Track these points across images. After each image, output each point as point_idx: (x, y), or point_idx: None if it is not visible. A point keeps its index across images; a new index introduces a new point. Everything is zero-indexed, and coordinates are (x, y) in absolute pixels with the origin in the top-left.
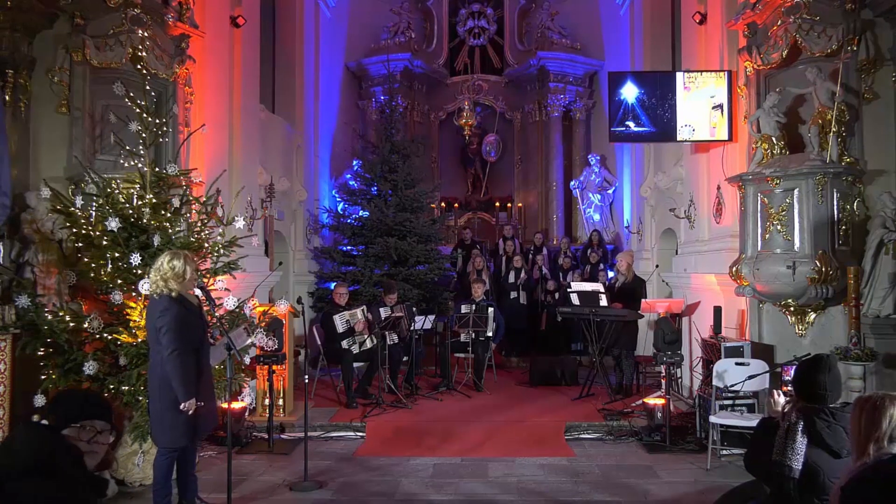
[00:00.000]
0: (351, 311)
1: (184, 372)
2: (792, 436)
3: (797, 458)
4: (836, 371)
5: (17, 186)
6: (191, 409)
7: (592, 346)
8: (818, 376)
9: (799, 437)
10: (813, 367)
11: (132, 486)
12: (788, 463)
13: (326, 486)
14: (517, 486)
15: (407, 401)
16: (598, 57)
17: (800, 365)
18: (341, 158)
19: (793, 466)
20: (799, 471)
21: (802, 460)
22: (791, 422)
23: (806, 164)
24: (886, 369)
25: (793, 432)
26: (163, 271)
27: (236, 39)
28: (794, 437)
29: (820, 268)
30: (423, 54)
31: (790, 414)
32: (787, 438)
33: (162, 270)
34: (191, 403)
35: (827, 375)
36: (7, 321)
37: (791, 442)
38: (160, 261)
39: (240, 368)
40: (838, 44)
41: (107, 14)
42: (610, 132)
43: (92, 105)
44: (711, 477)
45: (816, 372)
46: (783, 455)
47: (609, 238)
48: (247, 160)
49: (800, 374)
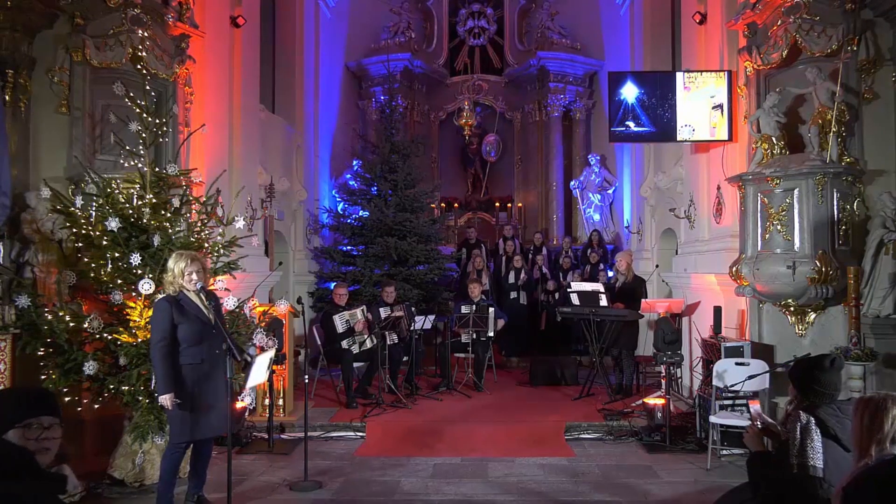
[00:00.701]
0: (351, 311)
1: (162, 366)
2: (808, 434)
3: (819, 456)
4: (836, 372)
5: (17, 186)
6: (165, 404)
7: (592, 346)
8: (818, 374)
9: (815, 435)
10: (815, 365)
11: (132, 486)
12: (812, 463)
13: (326, 486)
14: (517, 486)
15: (407, 401)
16: (598, 57)
17: (801, 361)
18: (341, 158)
19: (817, 465)
20: (822, 469)
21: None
22: (803, 422)
23: (806, 164)
24: (886, 369)
25: (808, 431)
26: (167, 272)
27: (236, 39)
28: (811, 435)
29: (820, 268)
30: (423, 54)
31: (795, 414)
32: (805, 438)
33: (166, 271)
34: (165, 398)
35: (826, 374)
36: (7, 321)
37: (810, 441)
38: (170, 262)
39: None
40: (838, 44)
41: (107, 14)
42: (610, 132)
43: (92, 105)
44: (711, 477)
45: (817, 370)
46: (804, 456)
47: (609, 238)
48: (247, 160)
49: (800, 370)
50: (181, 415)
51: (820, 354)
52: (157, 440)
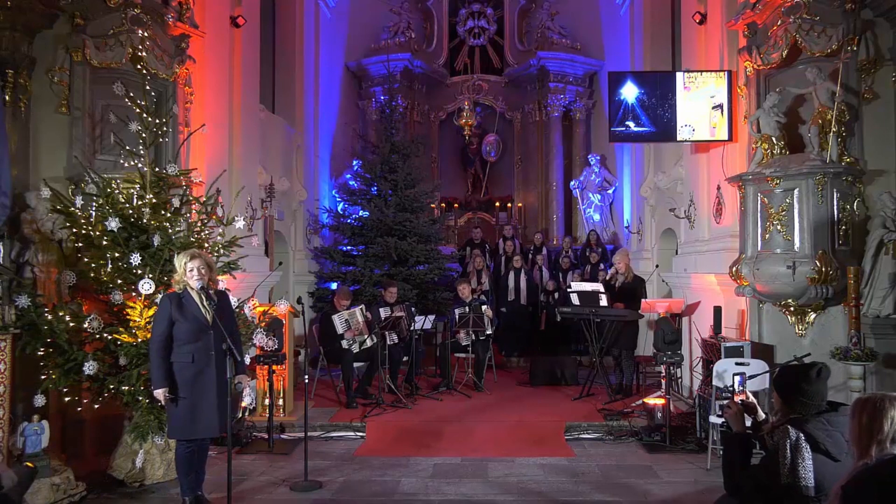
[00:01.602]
0: (350, 311)
1: (155, 361)
2: (799, 452)
3: (810, 474)
4: (823, 382)
5: (17, 186)
6: (158, 398)
7: (592, 346)
8: (805, 386)
9: (806, 453)
10: (801, 378)
11: (132, 486)
12: (804, 483)
13: (326, 486)
14: (517, 486)
15: (407, 401)
16: (598, 57)
17: (786, 371)
18: (341, 158)
19: (809, 485)
20: (814, 487)
21: (813, 475)
22: (792, 439)
23: (806, 164)
24: (886, 369)
25: (798, 448)
26: (178, 271)
27: (236, 39)
28: (802, 453)
29: (820, 268)
30: (423, 54)
31: (783, 429)
32: (795, 457)
33: (178, 270)
34: (158, 393)
35: (813, 385)
36: (7, 321)
37: (801, 460)
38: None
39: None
40: (838, 44)
41: (107, 14)
42: (610, 132)
43: (92, 105)
44: (711, 477)
45: (804, 382)
46: (795, 476)
47: (608, 238)
48: (247, 160)
49: (786, 380)
50: (178, 413)
51: (806, 364)
52: (156, 440)
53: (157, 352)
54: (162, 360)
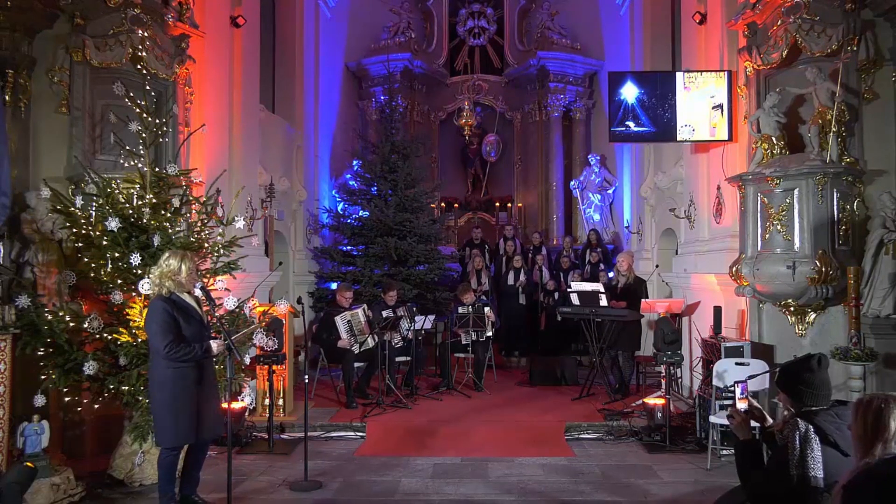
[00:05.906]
0: (352, 311)
1: (186, 349)
2: (809, 444)
3: (819, 466)
4: (824, 373)
5: (17, 186)
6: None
7: (592, 346)
8: (807, 376)
9: (815, 444)
10: (803, 368)
11: (132, 486)
12: (813, 473)
13: (326, 486)
14: (517, 486)
15: (407, 401)
16: (598, 57)
17: (787, 367)
18: (341, 158)
19: (818, 476)
20: (823, 479)
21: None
22: (802, 431)
23: (806, 164)
24: (886, 369)
25: (808, 440)
26: (160, 269)
27: (236, 39)
28: (811, 444)
29: (820, 268)
30: (423, 54)
31: (792, 422)
32: (805, 448)
33: (160, 269)
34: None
35: (815, 374)
36: (7, 321)
37: (810, 451)
38: (160, 260)
39: (240, 368)
40: (838, 44)
41: (107, 14)
42: (610, 132)
43: (92, 105)
44: (711, 477)
45: (806, 372)
46: (804, 467)
47: (608, 238)
48: (247, 160)
49: (788, 375)
50: (181, 419)
51: (804, 356)
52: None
53: (182, 347)
54: (188, 345)
